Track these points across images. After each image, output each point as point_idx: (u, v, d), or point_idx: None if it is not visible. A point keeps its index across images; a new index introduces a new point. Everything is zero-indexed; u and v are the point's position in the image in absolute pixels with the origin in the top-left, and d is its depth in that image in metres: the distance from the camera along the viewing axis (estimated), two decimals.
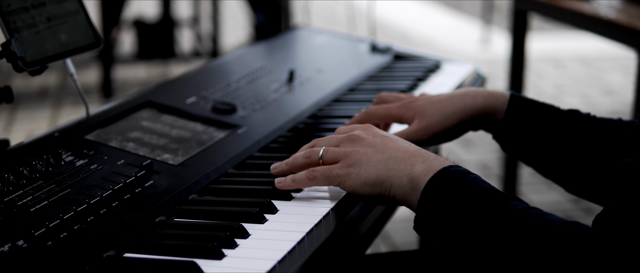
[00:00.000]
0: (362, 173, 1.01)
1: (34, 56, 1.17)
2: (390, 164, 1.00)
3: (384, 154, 1.01)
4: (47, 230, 0.91)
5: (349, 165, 1.02)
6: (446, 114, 1.21)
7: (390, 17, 6.83)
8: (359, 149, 1.03)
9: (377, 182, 1.00)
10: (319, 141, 1.09)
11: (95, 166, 1.09)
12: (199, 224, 0.99)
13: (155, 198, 1.03)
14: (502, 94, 1.23)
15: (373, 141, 1.04)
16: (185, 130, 1.28)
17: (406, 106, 1.25)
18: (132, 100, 1.36)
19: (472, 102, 1.22)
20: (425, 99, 1.25)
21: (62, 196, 0.99)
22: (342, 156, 1.03)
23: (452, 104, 1.22)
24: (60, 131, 1.19)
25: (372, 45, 1.88)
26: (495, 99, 1.22)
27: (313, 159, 1.06)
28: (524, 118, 1.20)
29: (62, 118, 4.01)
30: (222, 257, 0.89)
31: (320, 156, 1.05)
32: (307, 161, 1.06)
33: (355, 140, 1.05)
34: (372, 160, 1.01)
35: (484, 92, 1.23)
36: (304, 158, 1.07)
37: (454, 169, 0.96)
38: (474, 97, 1.22)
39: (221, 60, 1.72)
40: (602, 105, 4.41)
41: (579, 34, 5.32)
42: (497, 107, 1.22)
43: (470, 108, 1.22)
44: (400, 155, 1.00)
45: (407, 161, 0.99)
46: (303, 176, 1.04)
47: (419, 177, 0.97)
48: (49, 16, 1.20)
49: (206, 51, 5.02)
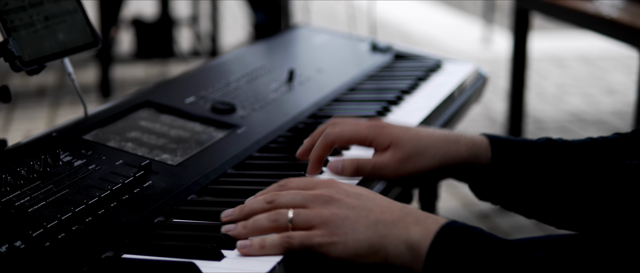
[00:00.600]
0: (350, 242, 0.89)
1: (32, 55, 1.17)
2: (381, 230, 0.89)
3: (369, 217, 0.90)
4: (45, 230, 0.91)
5: (332, 233, 0.89)
6: (425, 154, 1.09)
7: (391, 16, 6.83)
8: (337, 212, 0.90)
9: (371, 252, 0.89)
10: (278, 197, 0.94)
11: (94, 166, 1.09)
12: (198, 225, 0.99)
13: (154, 199, 1.03)
14: (482, 140, 1.12)
15: (350, 202, 0.92)
16: (184, 130, 1.28)
17: (380, 130, 1.10)
18: (130, 100, 1.36)
19: (456, 149, 1.10)
20: (400, 127, 1.11)
21: (60, 196, 0.99)
22: (318, 220, 0.90)
23: (433, 145, 1.09)
24: (58, 131, 1.19)
25: (373, 44, 1.88)
26: (478, 146, 1.10)
27: (281, 224, 0.91)
28: (509, 161, 1.11)
29: (60, 118, 4.01)
30: (221, 257, 0.89)
31: (290, 220, 0.91)
32: (272, 225, 0.92)
33: (328, 201, 0.92)
34: (358, 226, 0.89)
35: (467, 139, 1.11)
36: (269, 221, 0.92)
37: (454, 225, 0.88)
38: (456, 144, 1.10)
39: (220, 59, 1.72)
40: (604, 105, 4.41)
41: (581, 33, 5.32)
42: (480, 155, 1.10)
43: (452, 155, 1.09)
44: (389, 217, 0.90)
45: (400, 225, 0.89)
46: (276, 243, 0.89)
47: (418, 242, 0.88)
48: (46, 15, 1.20)
49: (205, 50, 5.02)
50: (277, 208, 0.93)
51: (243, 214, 0.95)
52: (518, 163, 1.11)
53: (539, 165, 1.11)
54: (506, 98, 3.44)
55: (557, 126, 4.03)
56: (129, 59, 4.82)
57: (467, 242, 0.86)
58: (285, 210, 0.92)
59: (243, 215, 0.95)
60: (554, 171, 1.11)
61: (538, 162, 1.11)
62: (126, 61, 4.83)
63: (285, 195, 0.94)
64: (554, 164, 1.11)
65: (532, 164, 1.11)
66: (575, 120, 4.14)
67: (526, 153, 1.12)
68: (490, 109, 4.20)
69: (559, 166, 1.11)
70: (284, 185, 0.98)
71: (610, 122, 4.12)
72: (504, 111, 3.97)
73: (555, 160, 1.12)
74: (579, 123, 4.09)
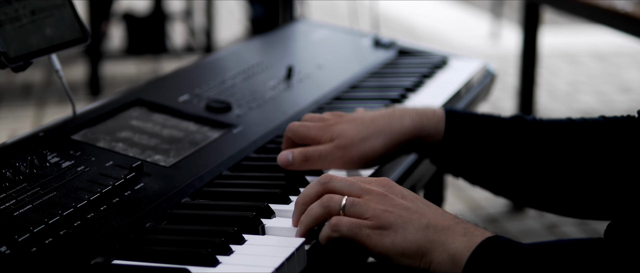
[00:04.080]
0: (398, 240, 0.92)
1: (18, 52, 1.17)
2: (431, 235, 0.92)
3: (421, 220, 0.93)
4: (32, 235, 0.91)
5: (382, 227, 0.92)
6: (367, 137, 1.15)
7: (395, 10, 6.83)
8: (391, 210, 0.93)
9: (417, 254, 0.91)
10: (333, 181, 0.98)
11: (82, 168, 1.09)
12: (192, 229, 0.99)
13: (146, 202, 1.04)
14: (434, 113, 1.17)
15: (405, 204, 0.95)
16: (178, 130, 1.28)
17: (325, 128, 1.18)
18: (121, 98, 1.36)
19: (399, 125, 1.15)
20: (348, 120, 1.18)
21: (47, 199, 0.99)
22: (371, 213, 0.93)
23: (376, 127, 1.16)
24: (45, 130, 1.19)
25: (375, 40, 1.88)
26: (427, 119, 1.16)
27: (333, 210, 0.95)
28: (464, 135, 1.15)
29: (47, 117, 4.01)
30: (216, 264, 0.89)
31: (343, 207, 0.94)
32: (324, 211, 0.95)
33: (384, 198, 0.95)
34: (410, 226, 0.92)
35: (412, 112, 1.17)
36: (322, 207, 0.95)
37: (497, 240, 0.91)
38: (400, 120, 1.16)
39: (215, 56, 1.72)
40: (618, 103, 4.41)
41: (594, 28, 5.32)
42: (429, 128, 1.16)
43: (396, 130, 1.15)
44: (441, 223, 0.93)
45: (449, 232, 0.92)
46: (325, 230, 0.94)
47: (461, 253, 0.90)
48: (33, 9, 1.20)
49: (199, 46, 5.02)
50: (330, 190, 0.97)
51: (299, 206, 0.98)
52: (473, 137, 1.15)
53: (500, 141, 1.15)
54: (515, 96, 3.44)
55: None
56: (120, 56, 4.82)
57: (505, 257, 0.88)
58: (339, 196, 0.95)
59: (299, 206, 0.98)
60: (520, 148, 1.15)
61: (498, 138, 1.15)
62: (117, 57, 4.83)
63: (340, 180, 0.97)
64: (521, 141, 1.15)
65: (491, 139, 1.15)
66: None
67: (484, 127, 1.16)
68: (498, 108, 4.21)
69: (527, 143, 1.15)
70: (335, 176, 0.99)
71: None
72: (513, 110, 3.97)
73: (522, 137, 1.15)
74: None
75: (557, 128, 1.17)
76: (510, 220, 2.92)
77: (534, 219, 2.97)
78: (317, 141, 1.18)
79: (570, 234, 2.85)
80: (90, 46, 4.03)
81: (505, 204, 3.03)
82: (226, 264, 0.89)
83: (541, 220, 2.95)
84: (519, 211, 3.03)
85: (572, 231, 2.87)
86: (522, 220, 2.95)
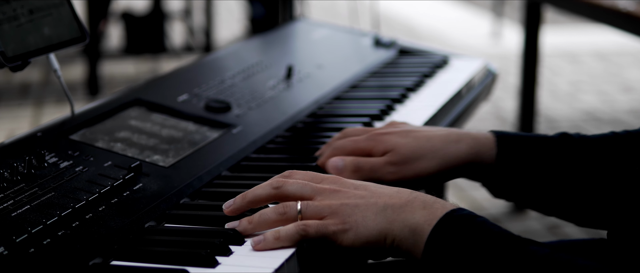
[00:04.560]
0: (360, 229, 0.92)
1: (16, 51, 1.17)
2: (389, 215, 0.93)
3: (377, 204, 0.94)
4: (30, 236, 0.91)
5: (343, 221, 0.93)
6: (422, 156, 1.13)
7: (395, 9, 6.83)
8: (347, 202, 0.94)
9: (381, 238, 0.92)
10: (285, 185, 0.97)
11: (81, 168, 1.09)
12: (191, 230, 0.99)
13: (145, 202, 1.03)
14: (487, 137, 1.15)
15: (358, 193, 0.95)
16: (177, 130, 1.28)
17: (375, 138, 1.16)
18: (119, 98, 1.36)
19: (455, 149, 1.13)
20: (398, 133, 1.16)
21: (46, 200, 0.99)
22: (328, 211, 0.94)
23: (431, 147, 1.14)
24: (43, 130, 1.19)
25: (376, 39, 1.88)
26: (481, 144, 1.14)
27: (289, 217, 0.95)
28: (516, 158, 1.14)
29: (45, 117, 4.01)
30: (215, 264, 0.89)
31: (299, 212, 0.94)
32: (280, 218, 0.95)
33: (337, 193, 0.96)
34: (368, 213, 0.93)
35: (468, 137, 1.15)
36: (277, 215, 0.95)
37: (459, 213, 0.91)
38: (456, 144, 1.14)
39: (215, 55, 1.72)
40: (620, 103, 4.41)
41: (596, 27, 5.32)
42: (484, 154, 1.14)
43: (453, 156, 1.13)
44: (397, 202, 0.94)
45: (407, 208, 0.93)
46: (291, 233, 0.92)
47: (421, 226, 0.91)
48: (31, 8, 1.20)
49: (199, 45, 5.02)
50: (283, 195, 0.97)
51: (246, 202, 0.98)
52: (526, 159, 1.14)
53: (552, 161, 1.13)
54: (517, 96, 3.44)
55: (571, 126, 4.03)
56: (118, 55, 4.82)
57: (469, 231, 0.89)
58: (293, 202, 0.95)
59: (246, 202, 0.98)
60: (570, 167, 1.13)
61: (550, 158, 1.14)
62: (115, 57, 4.83)
63: (293, 183, 0.97)
64: (570, 160, 1.13)
65: (544, 160, 1.14)
66: (589, 119, 4.14)
67: (536, 149, 1.14)
68: (500, 108, 4.20)
69: (576, 161, 1.13)
70: (288, 175, 1.00)
71: (627, 121, 4.12)
72: (514, 110, 3.97)
73: (571, 156, 1.14)
74: (594, 122, 4.09)
75: (603, 144, 1.15)
76: (512, 221, 2.93)
77: (535, 220, 2.97)
78: (367, 153, 1.16)
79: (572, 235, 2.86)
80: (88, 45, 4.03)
81: (506, 205, 3.03)
82: (225, 265, 0.89)
83: (543, 221, 2.95)
84: (520, 211, 3.03)
85: (573, 232, 2.87)
86: (523, 221, 2.95)
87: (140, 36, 4.77)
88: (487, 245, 0.88)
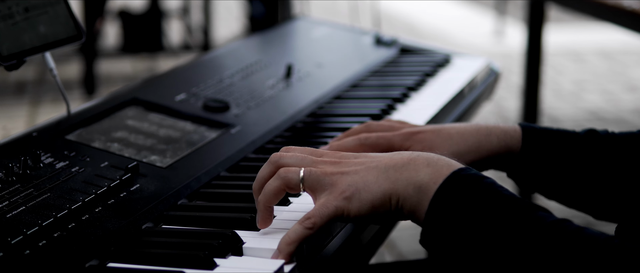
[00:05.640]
0: (363, 195, 0.92)
1: (11, 50, 1.17)
2: (391, 174, 0.93)
3: (378, 167, 0.94)
4: (25, 237, 0.91)
5: (344, 191, 0.93)
6: (459, 153, 1.16)
7: (396, 7, 6.83)
8: (347, 170, 0.94)
9: (385, 200, 0.92)
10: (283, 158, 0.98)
11: (77, 168, 1.09)
12: (189, 231, 0.99)
13: (142, 203, 1.03)
14: (515, 130, 1.19)
15: (358, 161, 0.96)
16: (174, 130, 1.28)
17: (411, 137, 1.18)
18: (116, 97, 1.36)
19: (487, 142, 1.18)
20: (431, 131, 1.19)
21: (41, 201, 0.99)
22: (328, 181, 0.94)
23: (465, 142, 1.17)
24: (39, 130, 1.19)
25: (377, 37, 1.88)
26: (510, 137, 1.18)
27: (292, 181, 0.95)
28: (541, 150, 1.17)
29: (41, 117, 4.01)
30: (214, 267, 0.89)
31: (302, 179, 0.95)
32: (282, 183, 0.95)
33: (337, 163, 0.96)
34: (369, 177, 0.93)
35: (498, 130, 1.19)
36: (279, 179, 0.95)
37: (466, 173, 0.92)
38: (487, 136, 1.18)
39: (213, 54, 1.72)
40: (625, 102, 4.41)
41: (600, 25, 5.33)
42: (512, 145, 1.18)
43: (485, 148, 1.17)
44: (399, 162, 0.94)
45: (410, 166, 0.93)
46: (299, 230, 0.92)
47: (427, 184, 0.91)
48: (26, 6, 1.20)
49: (197, 44, 5.03)
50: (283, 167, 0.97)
51: (256, 190, 0.98)
52: (550, 152, 1.17)
53: (577, 155, 1.17)
54: (520, 95, 3.44)
55: (575, 125, 4.03)
56: (115, 54, 4.82)
57: (476, 191, 0.90)
58: (296, 168, 0.95)
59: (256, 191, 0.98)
60: (595, 162, 1.16)
61: (575, 152, 1.17)
62: (112, 56, 4.83)
63: (291, 156, 0.98)
64: (595, 155, 1.17)
65: (568, 154, 1.17)
66: (593, 119, 4.14)
67: (560, 142, 1.18)
68: (502, 107, 4.21)
69: (601, 157, 1.17)
70: (286, 150, 1.00)
71: (632, 121, 4.12)
72: (517, 109, 3.97)
73: (596, 151, 1.17)
74: (598, 121, 4.09)
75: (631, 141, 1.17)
76: None
77: None
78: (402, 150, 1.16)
79: None
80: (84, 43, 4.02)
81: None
82: (224, 267, 0.89)
83: None
84: None
85: None
86: None
87: (137, 34, 4.77)
88: (493, 207, 0.88)
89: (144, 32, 4.76)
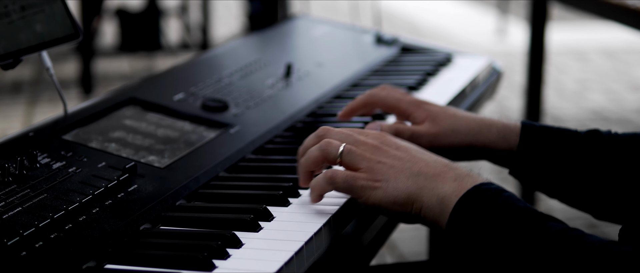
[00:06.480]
0: (390, 189, 0.99)
1: (7, 49, 1.17)
2: (421, 182, 0.99)
3: (412, 169, 1.00)
4: (21, 238, 0.91)
5: (375, 178, 1.00)
6: (459, 132, 1.22)
7: (397, 6, 6.83)
8: (384, 161, 1.01)
9: (408, 201, 0.99)
10: (329, 132, 1.06)
11: (74, 169, 1.09)
12: (188, 232, 0.99)
13: (140, 204, 1.04)
14: (516, 126, 1.23)
15: (398, 154, 1.02)
16: (173, 130, 1.28)
17: (419, 105, 1.24)
18: (114, 96, 1.36)
19: (487, 131, 1.22)
20: (440, 106, 1.25)
21: (38, 202, 0.99)
22: (364, 164, 1.01)
23: (467, 124, 1.22)
24: (36, 130, 1.19)
25: (377, 36, 1.88)
26: (510, 131, 1.22)
27: (330, 154, 1.03)
28: (539, 147, 1.20)
29: (38, 116, 4.01)
30: (212, 268, 0.89)
31: (340, 154, 1.02)
32: (322, 154, 1.03)
33: (377, 150, 1.02)
34: (401, 175, 1.00)
35: (500, 124, 1.23)
36: (320, 150, 1.04)
37: (487, 187, 0.96)
38: (489, 127, 1.22)
39: (211, 53, 1.72)
40: (628, 102, 4.41)
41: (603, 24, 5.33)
42: (511, 140, 1.22)
43: (483, 136, 1.22)
44: (431, 171, 1.00)
45: (439, 178, 0.99)
46: (320, 181, 1.02)
47: (449, 197, 0.97)
48: (23, 5, 1.20)
49: (195, 42, 5.03)
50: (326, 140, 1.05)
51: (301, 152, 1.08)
52: (548, 149, 1.20)
53: (577, 154, 1.19)
54: (522, 95, 3.44)
55: (578, 125, 4.02)
56: (113, 53, 4.82)
57: (492, 205, 0.94)
58: (338, 142, 1.03)
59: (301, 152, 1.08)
60: (596, 161, 1.19)
61: (575, 151, 1.19)
62: (109, 55, 4.83)
63: (337, 131, 1.06)
64: (596, 155, 1.19)
65: (568, 152, 1.19)
66: (597, 118, 4.14)
67: (560, 140, 1.20)
68: (505, 107, 4.21)
69: (603, 157, 1.19)
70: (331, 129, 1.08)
71: (635, 120, 4.12)
72: (519, 109, 3.97)
73: (598, 151, 1.19)
74: (602, 121, 4.09)
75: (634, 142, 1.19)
76: None
77: None
78: (406, 116, 1.25)
79: None
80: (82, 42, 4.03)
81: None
82: (223, 268, 0.89)
83: None
84: None
85: None
86: None
87: (135, 33, 4.77)
88: (506, 220, 0.93)
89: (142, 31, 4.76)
